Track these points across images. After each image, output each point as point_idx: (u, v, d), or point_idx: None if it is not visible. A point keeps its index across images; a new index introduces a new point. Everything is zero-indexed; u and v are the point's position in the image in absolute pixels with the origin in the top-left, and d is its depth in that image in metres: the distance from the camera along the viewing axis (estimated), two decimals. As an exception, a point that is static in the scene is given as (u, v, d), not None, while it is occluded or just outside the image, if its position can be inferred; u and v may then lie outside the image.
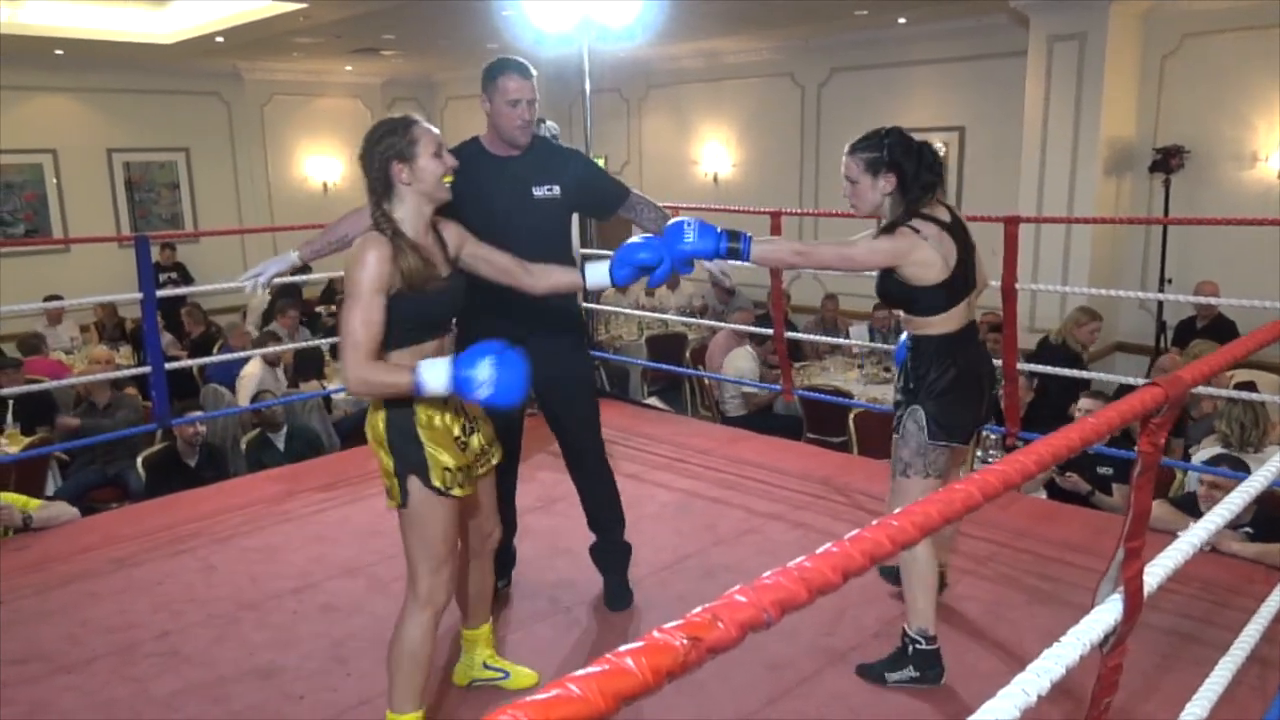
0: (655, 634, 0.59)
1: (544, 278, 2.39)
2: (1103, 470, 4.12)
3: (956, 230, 2.44)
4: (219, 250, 10.71)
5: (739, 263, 2.42)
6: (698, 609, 0.62)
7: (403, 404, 2.06)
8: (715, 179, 10.28)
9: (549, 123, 4.31)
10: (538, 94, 2.74)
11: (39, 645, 2.82)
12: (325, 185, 11.60)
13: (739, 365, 6.25)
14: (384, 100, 12.21)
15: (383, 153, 2.07)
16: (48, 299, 8.06)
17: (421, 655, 2.13)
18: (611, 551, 3.06)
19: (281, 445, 5.14)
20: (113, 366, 6.02)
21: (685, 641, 0.58)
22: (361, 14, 7.31)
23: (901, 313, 2.56)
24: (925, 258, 2.36)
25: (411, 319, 2.05)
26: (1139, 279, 7.34)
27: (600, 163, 10.44)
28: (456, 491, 2.10)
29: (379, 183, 2.08)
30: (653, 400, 7.06)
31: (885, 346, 5.55)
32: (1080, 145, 6.98)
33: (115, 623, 2.94)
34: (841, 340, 6.79)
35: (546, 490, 3.80)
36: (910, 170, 2.40)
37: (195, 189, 10.85)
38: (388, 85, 12.13)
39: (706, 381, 6.57)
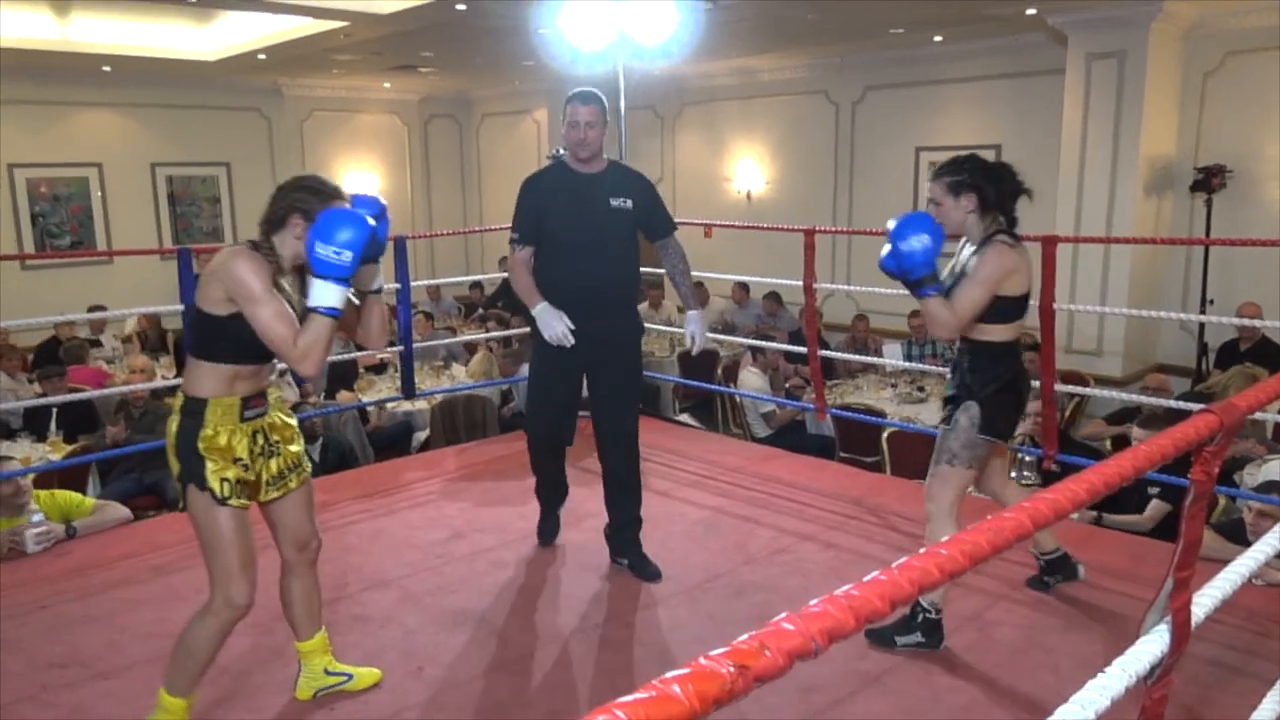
0: (702, 660, 0.58)
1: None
2: (1152, 491, 4.03)
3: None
4: (257, 263, 10.88)
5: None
6: (744, 636, 0.61)
7: (194, 415, 2.20)
8: (748, 196, 10.28)
9: None
10: (604, 119, 3.16)
11: (79, 650, 2.86)
12: (362, 200, 11.75)
13: (749, 385, 6.24)
14: (421, 117, 12.37)
15: (293, 201, 2.22)
16: (91, 309, 8.24)
17: (200, 653, 2.27)
18: (631, 527, 3.39)
19: (316, 456, 5.19)
20: (151, 376, 6.12)
21: (733, 669, 0.58)
22: (401, 32, 7.41)
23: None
24: (1020, 267, 2.64)
25: (247, 339, 2.16)
26: (1180, 300, 7.23)
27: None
28: (234, 502, 2.21)
29: (275, 219, 2.23)
30: (684, 417, 7.05)
31: (921, 366, 5.48)
32: (1119, 164, 6.89)
33: (153, 630, 2.98)
34: (874, 359, 6.74)
35: (576, 505, 3.81)
36: (990, 191, 2.67)
37: (235, 203, 11.05)
38: (425, 102, 12.28)
39: (737, 399, 6.56)
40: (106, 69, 9.22)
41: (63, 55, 8.37)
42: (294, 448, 2.41)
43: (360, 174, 11.81)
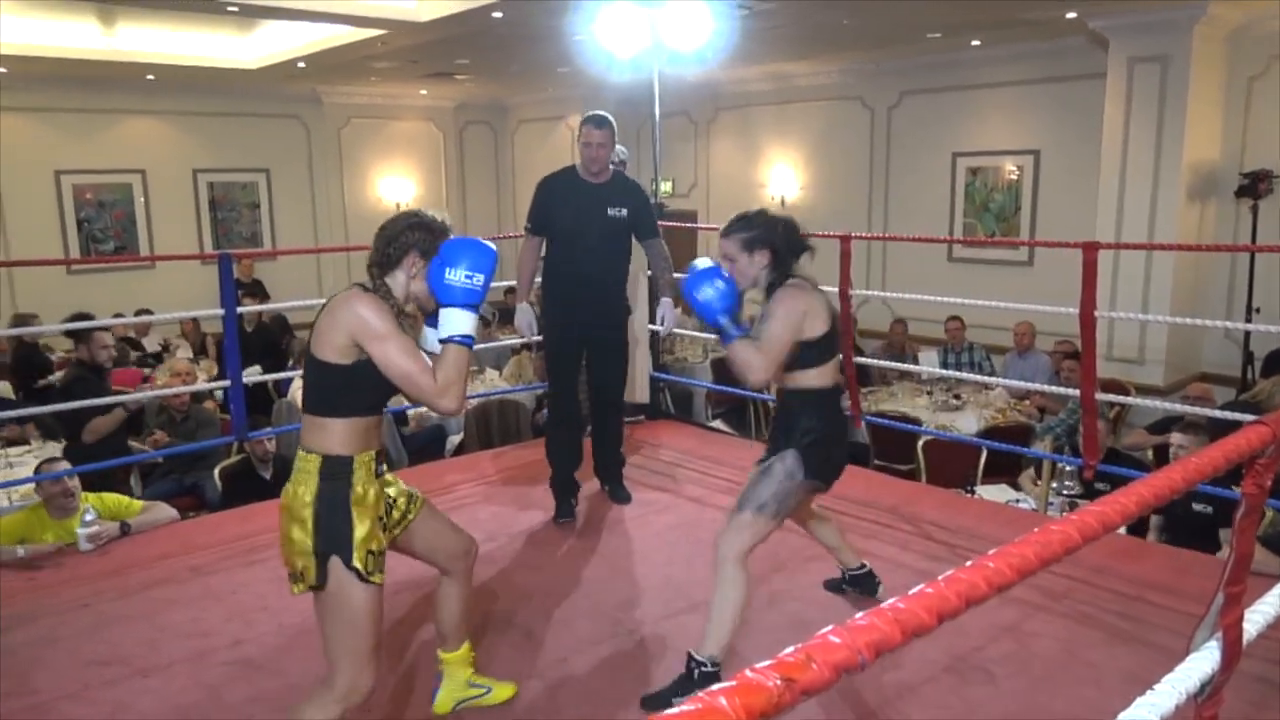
0: (748, 673, 0.58)
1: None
2: (1199, 508, 3.92)
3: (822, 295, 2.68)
4: (295, 268, 11.05)
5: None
6: (790, 648, 0.61)
7: (338, 476, 2.05)
8: (783, 202, 10.24)
9: (619, 147, 4.37)
10: (614, 140, 3.76)
11: (120, 648, 2.91)
12: (398, 206, 11.88)
13: None
14: (456, 123, 12.47)
15: (408, 240, 2.13)
16: (138, 313, 8.40)
17: None
18: (613, 461, 4.10)
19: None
20: (193, 379, 6.21)
21: (779, 682, 0.57)
22: (437, 40, 7.48)
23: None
24: (815, 308, 2.59)
25: (373, 387, 2.07)
26: (1224, 307, 7.08)
27: (668, 186, 10.74)
28: (376, 578, 2.05)
29: (389, 259, 2.14)
30: (717, 423, 7.02)
31: (957, 374, 5.42)
32: (1162, 170, 6.78)
33: (191, 629, 3.02)
34: (910, 366, 6.67)
35: (607, 511, 3.81)
36: (781, 244, 2.65)
37: (274, 208, 11.22)
38: (460, 109, 12.38)
39: (770, 405, 6.52)
40: (150, 77, 9.40)
41: (108, 64, 8.55)
42: (398, 488, 2.30)
43: (396, 179, 11.93)
